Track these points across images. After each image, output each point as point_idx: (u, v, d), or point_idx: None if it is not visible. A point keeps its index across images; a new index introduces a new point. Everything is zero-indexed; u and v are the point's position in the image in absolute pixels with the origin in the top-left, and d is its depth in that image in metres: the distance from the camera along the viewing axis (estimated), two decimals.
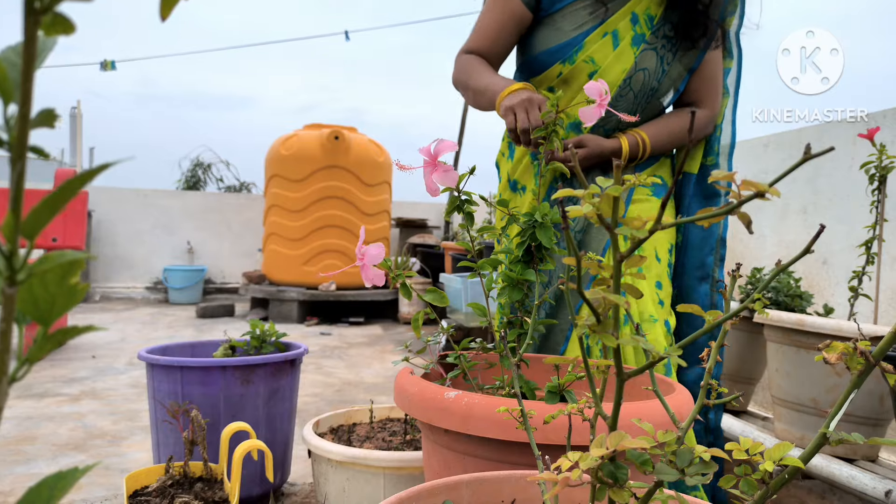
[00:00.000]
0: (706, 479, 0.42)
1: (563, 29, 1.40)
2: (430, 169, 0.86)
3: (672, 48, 1.41)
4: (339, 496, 1.35)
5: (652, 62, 1.40)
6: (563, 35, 1.40)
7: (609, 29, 1.38)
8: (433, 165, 0.86)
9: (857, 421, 1.57)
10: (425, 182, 0.88)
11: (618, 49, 1.37)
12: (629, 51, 1.38)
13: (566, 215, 0.41)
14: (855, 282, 1.94)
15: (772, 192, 0.37)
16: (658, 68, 1.40)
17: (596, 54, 1.38)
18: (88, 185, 0.28)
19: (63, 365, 3.39)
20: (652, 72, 1.40)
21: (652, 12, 1.40)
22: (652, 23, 1.39)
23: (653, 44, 1.40)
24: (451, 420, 0.85)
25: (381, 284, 0.86)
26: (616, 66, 1.37)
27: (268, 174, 5.88)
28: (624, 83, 1.38)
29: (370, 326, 5.42)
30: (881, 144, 1.86)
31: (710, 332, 1.35)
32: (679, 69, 1.43)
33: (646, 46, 1.39)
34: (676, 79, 1.43)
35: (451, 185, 0.89)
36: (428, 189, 0.88)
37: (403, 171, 0.90)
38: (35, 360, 0.26)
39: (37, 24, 0.20)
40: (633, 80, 1.39)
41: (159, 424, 1.57)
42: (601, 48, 1.38)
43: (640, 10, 1.40)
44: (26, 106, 0.21)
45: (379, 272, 0.87)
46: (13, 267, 0.22)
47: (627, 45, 1.38)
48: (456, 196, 0.93)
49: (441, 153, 0.85)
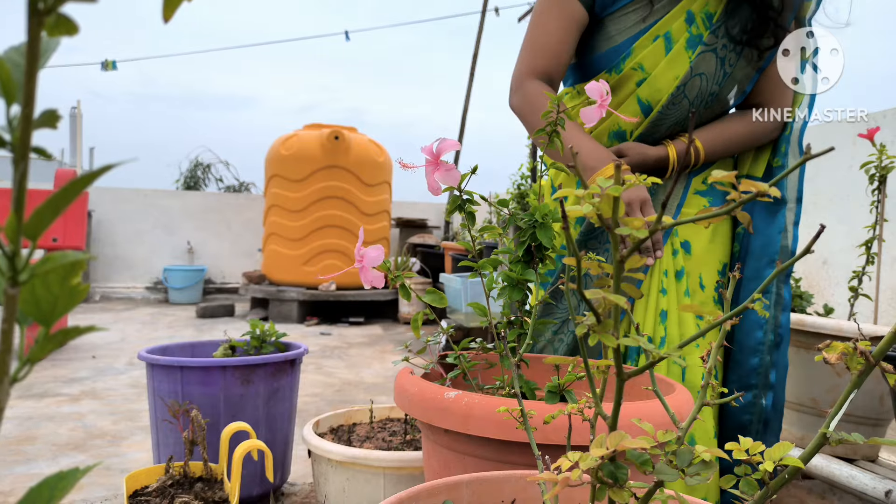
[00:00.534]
0: (706, 479, 0.42)
1: (611, 35, 1.28)
2: (433, 168, 0.86)
3: (735, 48, 1.25)
4: (339, 496, 1.35)
5: (711, 66, 1.25)
6: (610, 41, 1.28)
7: (660, 31, 1.24)
8: (435, 164, 0.86)
9: (857, 421, 1.57)
10: (427, 181, 0.88)
11: (670, 54, 1.24)
12: (683, 55, 1.24)
13: (566, 215, 0.41)
14: (855, 282, 1.94)
15: (772, 191, 0.37)
16: (718, 72, 1.26)
17: (645, 60, 1.25)
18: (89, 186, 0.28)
19: (63, 365, 3.40)
20: (711, 76, 1.26)
21: (711, 9, 1.24)
22: (711, 21, 1.24)
23: (711, 45, 1.24)
24: (451, 420, 0.85)
25: (380, 286, 0.86)
26: (668, 72, 1.24)
27: (268, 174, 5.89)
28: (677, 90, 1.24)
29: (370, 326, 5.42)
30: (881, 144, 1.86)
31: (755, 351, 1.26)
32: (746, 70, 1.28)
33: (703, 49, 1.24)
34: (742, 80, 1.29)
35: (453, 185, 0.89)
36: (430, 188, 0.88)
37: (406, 169, 0.90)
38: (36, 361, 0.26)
39: (40, 25, 0.21)
40: (687, 87, 1.25)
41: (159, 424, 1.57)
42: (651, 53, 1.25)
43: (697, 8, 1.25)
44: (29, 107, 0.21)
45: (378, 274, 0.87)
46: (16, 267, 0.23)
47: (682, 48, 1.24)
48: (457, 195, 0.93)
49: (443, 152, 0.85)
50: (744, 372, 1.28)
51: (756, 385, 1.27)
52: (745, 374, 1.28)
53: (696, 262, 1.30)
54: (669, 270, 1.28)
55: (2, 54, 0.23)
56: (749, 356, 1.27)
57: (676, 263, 1.29)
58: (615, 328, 0.42)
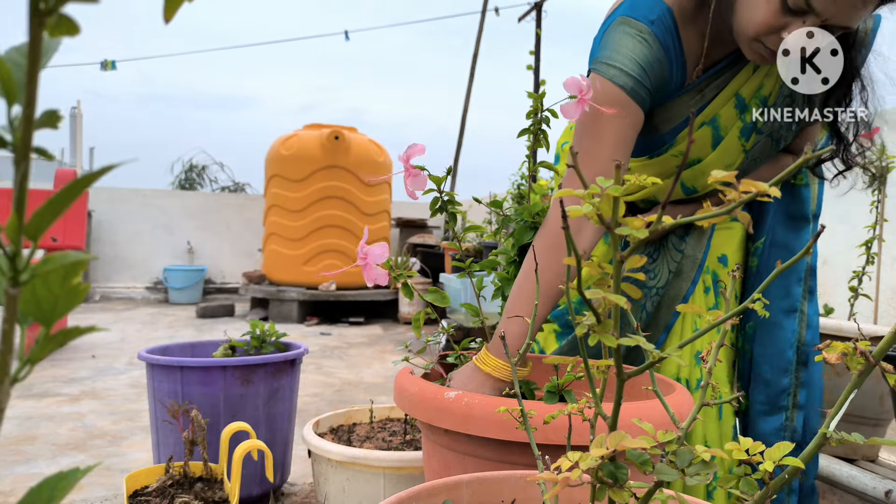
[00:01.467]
0: (706, 479, 0.42)
1: (656, 125, 1.15)
2: (406, 174, 0.89)
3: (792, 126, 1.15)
4: (339, 496, 1.35)
5: (767, 149, 1.16)
6: (654, 131, 1.16)
7: (707, 118, 1.13)
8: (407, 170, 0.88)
9: (857, 421, 1.57)
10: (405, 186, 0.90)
11: (721, 145, 1.13)
12: (736, 144, 1.14)
13: (566, 215, 0.41)
14: (855, 282, 1.94)
15: (772, 192, 0.37)
16: (773, 150, 1.18)
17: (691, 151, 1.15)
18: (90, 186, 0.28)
19: (63, 365, 3.40)
20: (766, 156, 1.18)
21: (765, 92, 1.12)
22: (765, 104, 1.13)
23: (766, 131, 1.14)
24: (451, 420, 0.85)
25: (384, 284, 0.86)
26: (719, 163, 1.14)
27: (268, 174, 5.89)
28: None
29: (370, 326, 5.42)
30: (881, 144, 1.86)
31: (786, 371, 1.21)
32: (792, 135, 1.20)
33: (758, 136, 1.14)
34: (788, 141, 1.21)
35: (420, 189, 0.91)
36: (407, 192, 0.91)
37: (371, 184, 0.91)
38: (37, 361, 0.26)
39: (42, 26, 0.21)
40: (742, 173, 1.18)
41: (159, 424, 1.57)
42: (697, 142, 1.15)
43: (749, 92, 1.12)
44: (30, 107, 0.21)
45: (381, 271, 0.88)
46: (17, 268, 0.23)
47: (734, 139, 1.13)
48: (437, 197, 0.94)
49: (412, 157, 0.87)
50: (774, 392, 1.22)
51: (786, 406, 1.22)
52: (775, 395, 1.22)
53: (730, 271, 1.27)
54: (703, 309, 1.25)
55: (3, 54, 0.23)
56: (779, 376, 1.22)
57: (709, 301, 1.25)
58: (615, 329, 0.42)
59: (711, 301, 1.26)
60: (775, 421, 1.21)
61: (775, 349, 1.22)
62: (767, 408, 1.22)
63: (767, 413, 1.22)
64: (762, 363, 1.23)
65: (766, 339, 1.23)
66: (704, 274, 1.26)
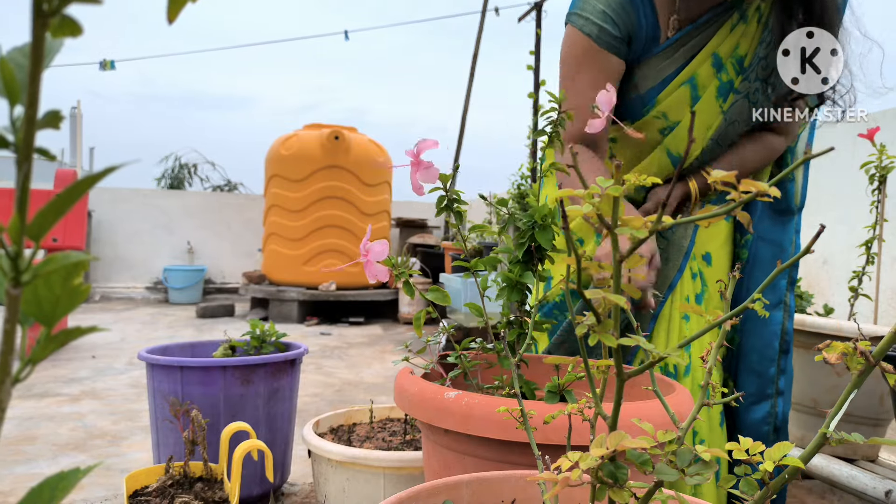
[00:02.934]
0: (706, 479, 0.42)
1: (636, 83, 1.20)
2: (415, 168, 0.87)
3: (761, 85, 1.17)
4: (339, 496, 1.35)
5: (744, 112, 1.18)
6: (634, 90, 1.20)
7: (683, 79, 1.16)
8: (417, 165, 0.87)
9: (857, 421, 1.57)
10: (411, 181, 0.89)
11: (699, 105, 1.16)
12: (713, 105, 1.16)
13: (566, 215, 0.41)
14: (855, 282, 1.94)
15: (772, 192, 0.37)
16: (748, 113, 1.19)
17: (670, 110, 1.18)
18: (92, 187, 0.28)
19: (63, 365, 3.40)
20: (743, 121, 1.20)
21: (741, 52, 1.16)
22: (742, 66, 1.16)
23: (744, 91, 1.17)
24: (451, 420, 0.85)
25: (385, 280, 0.86)
26: (697, 125, 1.17)
27: (268, 174, 5.89)
28: (711, 142, 1.19)
29: (370, 326, 5.42)
30: (881, 144, 1.86)
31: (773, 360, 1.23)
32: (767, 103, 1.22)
33: (736, 97, 1.16)
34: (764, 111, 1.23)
35: (432, 183, 0.89)
36: (414, 188, 0.90)
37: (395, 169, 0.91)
38: (38, 361, 0.26)
39: (45, 27, 0.21)
40: (719, 136, 1.20)
41: (159, 424, 1.57)
42: (676, 102, 1.17)
43: (725, 52, 1.15)
44: (33, 108, 0.21)
45: (383, 268, 0.88)
46: (19, 268, 0.23)
47: (710, 98, 1.16)
48: (444, 195, 0.94)
49: (423, 151, 0.86)
50: (763, 382, 1.25)
51: (772, 394, 1.26)
52: (764, 384, 1.25)
53: (715, 269, 1.27)
54: (691, 296, 1.25)
55: (5, 55, 0.23)
56: (768, 366, 1.25)
57: (696, 287, 1.26)
58: (615, 328, 0.43)
59: (699, 287, 1.27)
60: (762, 409, 1.24)
61: (763, 341, 1.26)
62: (755, 398, 1.25)
63: (755, 402, 1.24)
64: (751, 354, 1.25)
65: (755, 332, 1.26)
66: (691, 261, 1.27)
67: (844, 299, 2.01)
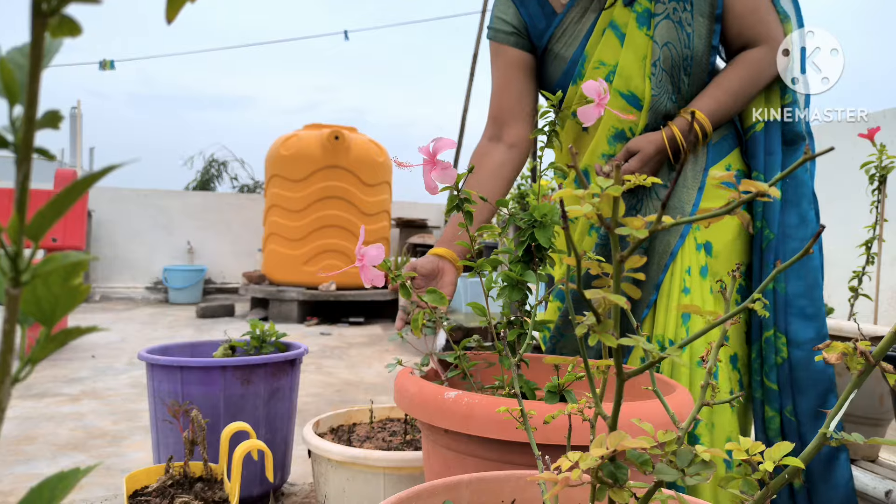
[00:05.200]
0: (706, 479, 0.42)
1: (560, 54, 1.27)
2: (430, 167, 0.87)
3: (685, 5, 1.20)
4: (339, 496, 1.35)
5: (673, 32, 1.20)
6: (563, 61, 1.27)
7: (603, 25, 1.23)
8: (432, 164, 0.86)
9: (857, 421, 1.57)
10: (424, 180, 0.88)
11: (626, 41, 1.20)
12: (639, 35, 1.20)
13: (566, 215, 0.41)
14: (855, 282, 1.94)
15: (772, 192, 0.37)
16: (682, 34, 1.20)
17: (604, 55, 1.22)
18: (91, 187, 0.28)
19: (63, 365, 3.40)
20: (677, 41, 1.20)
21: None
22: None
23: (661, 12, 1.20)
24: (452, 420, 0.85)
25: (380, 285, 0.86)
26: (632, 56, 1.20)
27: (268, 174, 5.89)
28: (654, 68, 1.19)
29: (370, 326, 5.42)
30: (881, 144, 1.86)
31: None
32: (703, 22, 1.20)
33: (657, 20, 1.20)
34: (707, 34, 1.21)
35: (449, 183, 0.89)
36: (427, 187, 0.89)
37: (402, 168, 0.91)
38: (38, 361, 0.26)
39: (44, 27, 0.21)
40: (661, 62, 1.20)
41: (159, 424, 1.57)
42: (605, 47, 1.22)
43: None
44: (32, 108, 0.21)
45: (378, 273, 0.88)
46: (18, 268, 0.23)
47: (634, 29, 1.20)
48: (455, 195, 0.94)
49: (440, 151, 0.86)
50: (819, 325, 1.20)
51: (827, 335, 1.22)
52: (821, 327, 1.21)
53: (720, 262, 1.23)
54: (693, 267, 1.20)
55: (4, 55, 0.23)
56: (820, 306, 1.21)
57: (700, 259, 1.22)
58: (616, 329, 0.42)
59: (703, 259, 1.22)
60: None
61: (809, 281, 1.20)
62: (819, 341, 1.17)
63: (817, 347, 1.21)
64: (800, 300, 1.19)
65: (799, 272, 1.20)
66: (694, 231, 1.22)
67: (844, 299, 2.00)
